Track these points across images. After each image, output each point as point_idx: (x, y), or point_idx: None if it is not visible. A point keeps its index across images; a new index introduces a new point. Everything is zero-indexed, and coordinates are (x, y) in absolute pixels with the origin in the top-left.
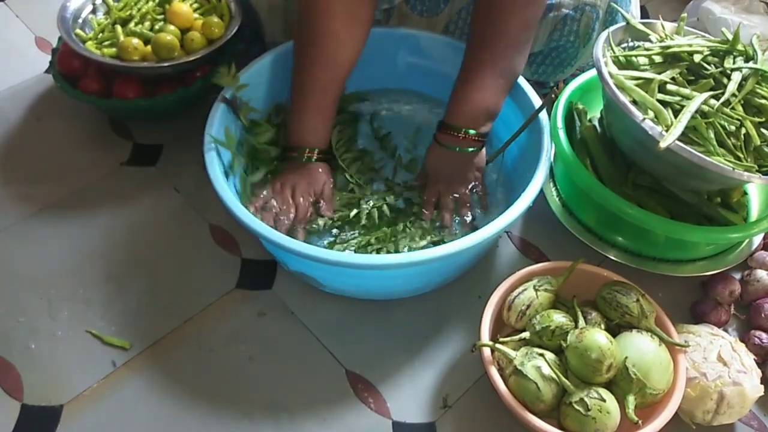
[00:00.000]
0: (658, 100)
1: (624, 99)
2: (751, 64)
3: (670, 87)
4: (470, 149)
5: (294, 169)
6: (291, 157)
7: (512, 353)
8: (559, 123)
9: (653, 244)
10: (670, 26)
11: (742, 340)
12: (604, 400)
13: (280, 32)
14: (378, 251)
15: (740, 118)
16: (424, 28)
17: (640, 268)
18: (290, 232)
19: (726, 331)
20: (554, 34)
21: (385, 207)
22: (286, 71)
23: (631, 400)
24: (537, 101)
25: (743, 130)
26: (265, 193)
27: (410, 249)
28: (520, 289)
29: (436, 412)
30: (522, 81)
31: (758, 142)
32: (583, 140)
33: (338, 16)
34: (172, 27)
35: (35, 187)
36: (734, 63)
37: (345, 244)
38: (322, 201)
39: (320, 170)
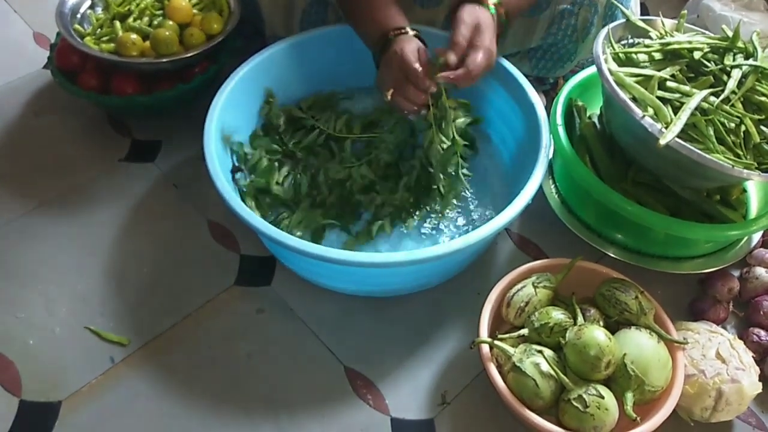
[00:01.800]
0: (658, 97)
1: (624, 96)
2: (751, 62)
3: (670, 84)
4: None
5: (394, 49)
6: (388, 42)
7: (511, 350)
8: (559, 120)
9: (652, 242)
10: (669, 23)
11: (740, 338)
12: (602, 397)
13: (281, 25)
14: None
15: (740, 115)
16: (426, 19)
17: (639, 266)
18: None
19: (725, 328)
20: (551, 28)
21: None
22: (287, 66)
23: (629, 397)
24: (535, 97)
25: (743, 128)
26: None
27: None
28: (519, 286)
29: (434, 409)
30: (520, 77)
31: (758, 140)
32: (583, 137)
33: None
34: (170, 22)
35: (33, 184)
36: (734, 60)
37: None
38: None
39: (418, 40)
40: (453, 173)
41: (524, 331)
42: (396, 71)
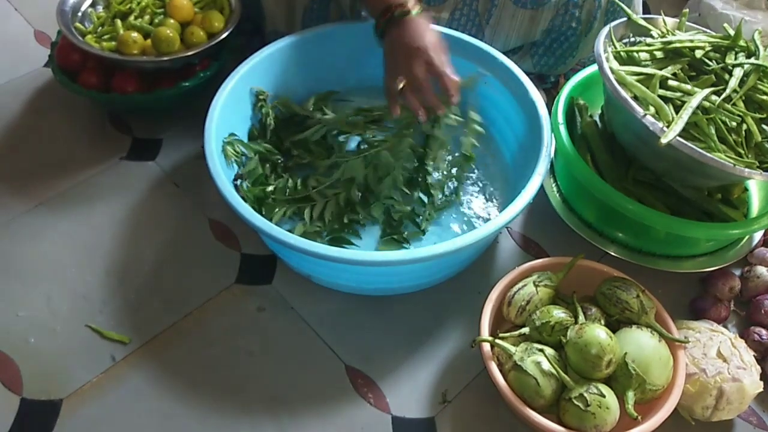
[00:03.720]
0: (660, 96)
1: (625, 94)
2: (752, 60)
3: (672, 83)
4: None
5: (400, 38)
6: (391, 19)
7: (512, 348)
8: (560, 118)
9: (653, 240)
10: (671, 21)
11: (741, 337)
12: (603, 396)
13: (283, 21)
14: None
15: (741, 114)
16: (432, 16)
17: (640, 264)
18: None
19: (726, 327)
20: (556, 19)
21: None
22: (287, 65)
23: (630, 396)
24: (536, 96)
25: (744, 126)
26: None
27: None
28: (520, 284)
29: (435, 407)
30: (521, 75)
31: (759, 138)
32: (584, 136)
33: None
34: (172, 21)
35: (34, 182)
36: (736, 59)
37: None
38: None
39: (426, 21)
40: (454, 185)
41: (525, 330)
42: (417, 65)
